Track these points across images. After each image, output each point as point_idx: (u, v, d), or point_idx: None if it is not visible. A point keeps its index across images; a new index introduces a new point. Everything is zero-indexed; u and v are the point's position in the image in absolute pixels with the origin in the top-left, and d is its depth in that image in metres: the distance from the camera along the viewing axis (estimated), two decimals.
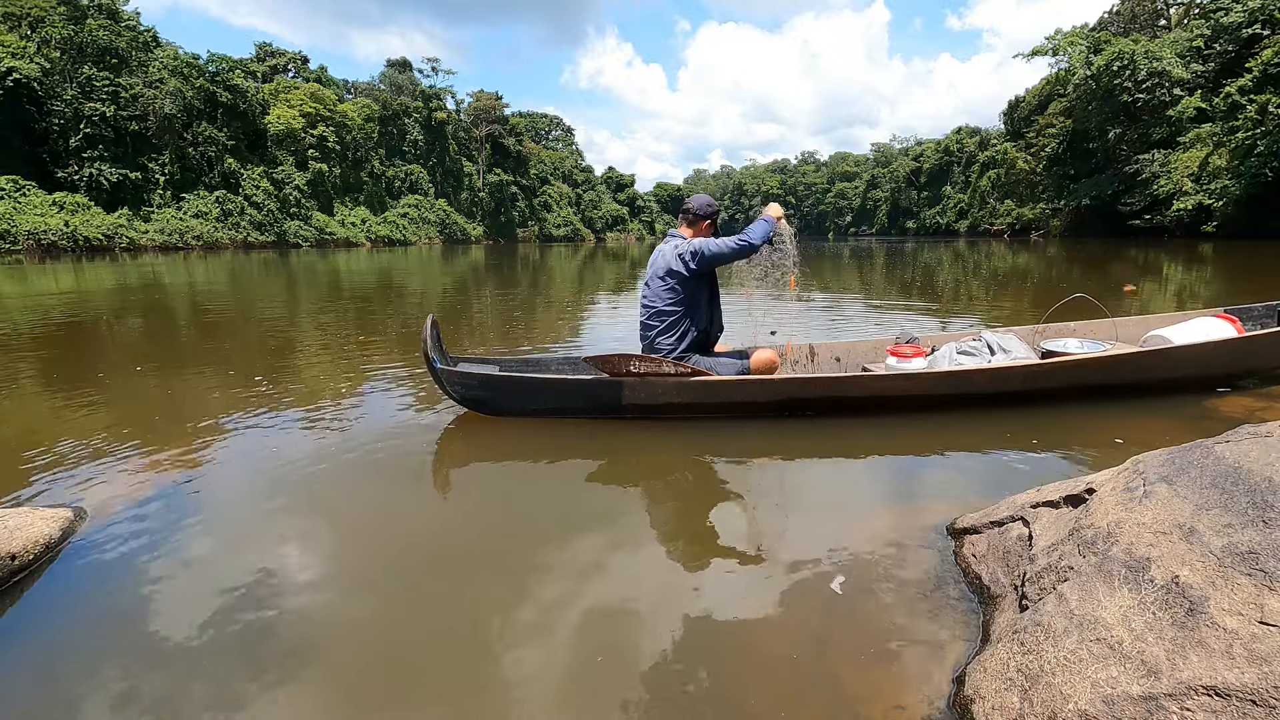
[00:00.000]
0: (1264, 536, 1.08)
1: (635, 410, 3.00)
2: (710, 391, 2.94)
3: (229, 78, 38.46)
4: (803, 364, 3.65)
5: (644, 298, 3.09)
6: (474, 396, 3.06)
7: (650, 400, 2.96)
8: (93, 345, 5.52)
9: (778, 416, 3.02)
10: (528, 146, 73.18)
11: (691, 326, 3.02)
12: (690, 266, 2.91)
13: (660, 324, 3.00)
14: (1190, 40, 32.62)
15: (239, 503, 2.25)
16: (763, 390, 2.94)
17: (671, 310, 2.98)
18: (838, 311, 7.25)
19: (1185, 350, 3.09)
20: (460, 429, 3.01)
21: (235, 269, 17.39)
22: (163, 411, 3.35)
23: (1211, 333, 3.22)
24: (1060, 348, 3.34)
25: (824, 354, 3.70)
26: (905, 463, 2.52)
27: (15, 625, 1.57)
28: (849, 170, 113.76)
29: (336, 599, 1.65)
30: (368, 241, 45.90)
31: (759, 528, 2.01)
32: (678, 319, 2.99)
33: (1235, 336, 3.18)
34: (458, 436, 2.93)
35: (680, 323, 3.00)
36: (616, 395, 2.95)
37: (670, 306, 2.98)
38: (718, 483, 2.41)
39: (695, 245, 2.92)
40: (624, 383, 2.92)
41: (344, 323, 6.75)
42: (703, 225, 3.08)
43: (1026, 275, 12.33)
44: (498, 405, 3.08)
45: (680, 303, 2.98)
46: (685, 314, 3.00)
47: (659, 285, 2.99)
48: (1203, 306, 6.51)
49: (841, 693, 1.26)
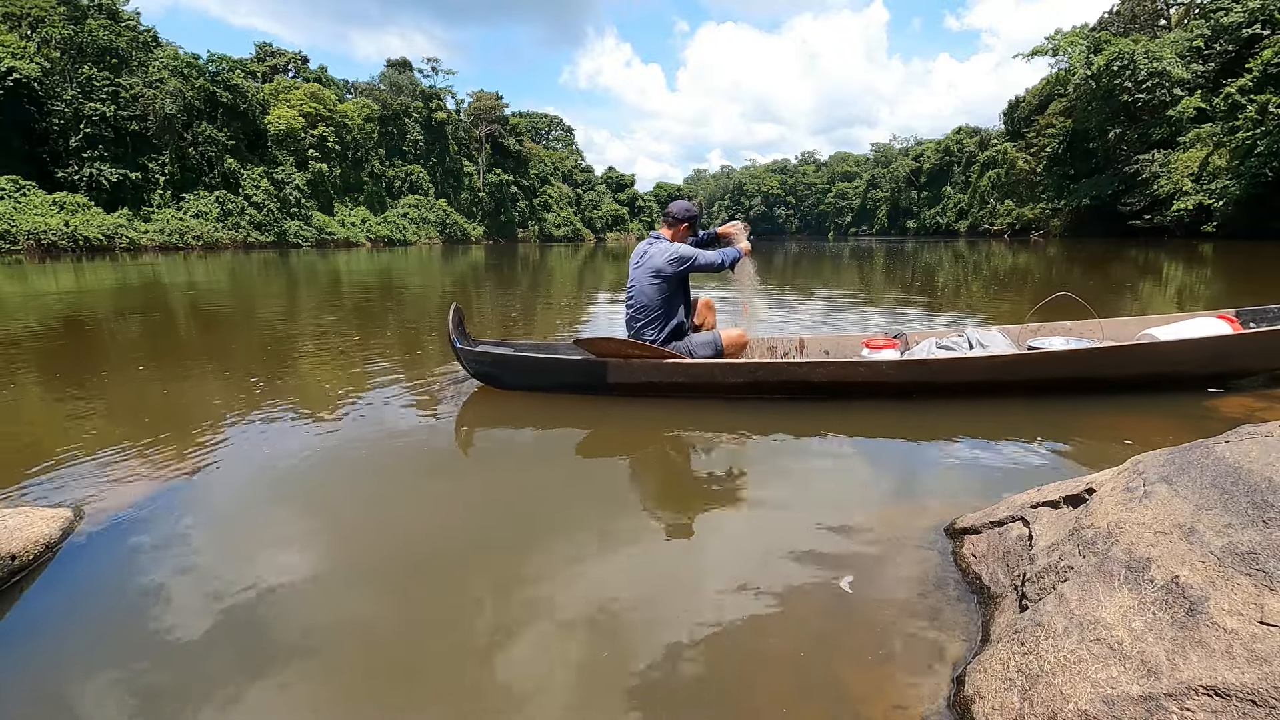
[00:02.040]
0: (1264, 536, 1.08)
1: (619, 389, 3.35)
2: (683, 372, 3.24)
3: (229, 78, 38.45)
4: (794, 356, 3.87)
5: (630, 295, 3.42)
6: (485, 372, 3.55)
7: (631, 379, 3.30)
8: (93, 345, 5.52)
9: (748, 398, 3.27)
10: (528, 146, 73.17)
11: (672, 319, 3.38)
12: (678, 270, 3.29)
13: (645, 318, 3.36)
14: (1190, 40, 32.61)
15: (239, 501, 2.25)
16: (730, 372, 3.23)
17: (657, 306, 3.33)
18: (837, 309, 7.25)
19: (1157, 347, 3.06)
20: (457, 424, 3.01)
21: (235, 269, 17.39)
22: (163, 411, 3.35)
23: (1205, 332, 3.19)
24: (1045, 345, 3.38)
25: (813, 346, 3.93)
26: (904, 462, 2.52)
27: (15, 625, 1.57)
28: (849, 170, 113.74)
29: (337, 597, 1.65)
30: (368, 241, 45.89)
31: (757, 524, 2.01)
32: (662, 314, 3.35)
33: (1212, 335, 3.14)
34: (457, 434, 2.94)
35: (663, 317, 3.35)
36: (602, 374, 3.30)
37: (656, 302, 3.33)
38: (712, 474, 2.41)
39: (684, 252, 3.28)
40: (608, 363, 3.27)
41: (345, 322, 6.75)
42: (681, 228, 3.44)
43: (1027, 275, 12.33)
44: (504, 380, 3.56)
45: (664, 300, 3.33)
46: (667, 309, 3.35)
47: (647, 283, 3.32)
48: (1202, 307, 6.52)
49: (841, 692, 1.26)
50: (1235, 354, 3.13)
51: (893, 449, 2.66)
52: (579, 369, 3.34)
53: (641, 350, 3.23)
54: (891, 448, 2.66)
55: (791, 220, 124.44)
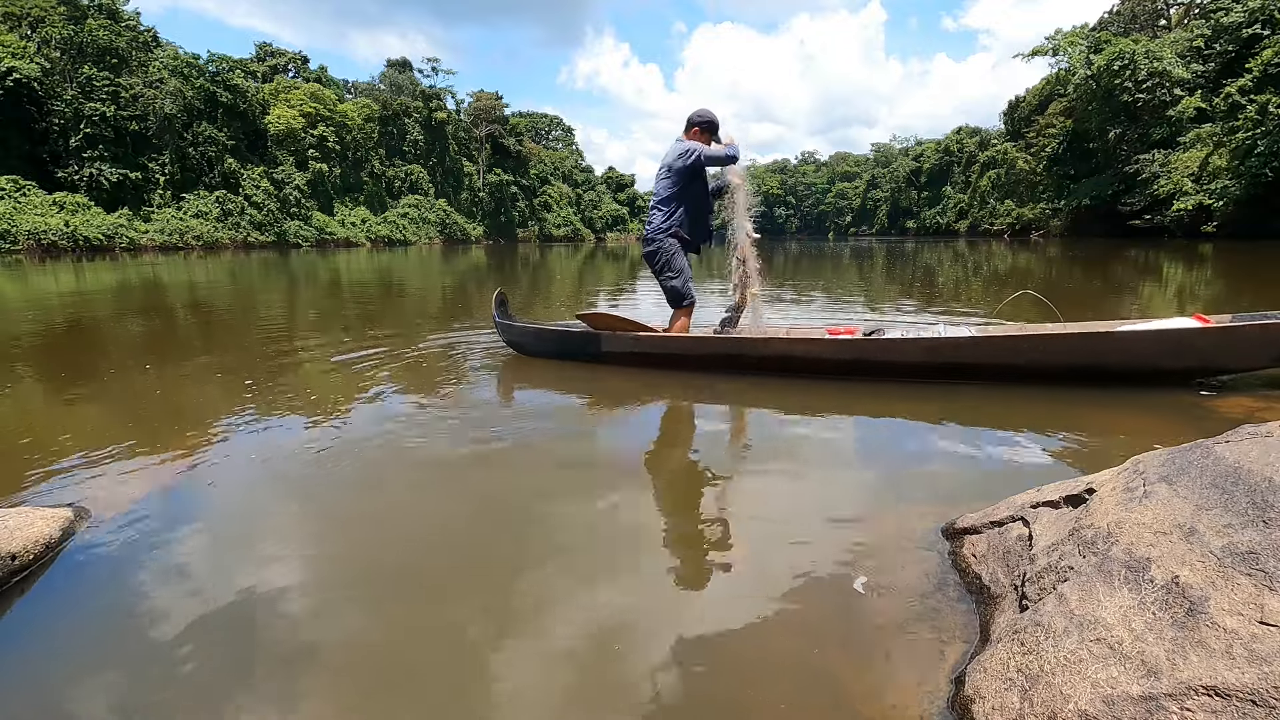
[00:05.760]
0: (1264, 536, 1.08)
1: (612, 358, 3.95)
2: (660, 345, 3.83)
3: (229, 78, 38.48)
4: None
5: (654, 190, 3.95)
6: (513, 341, 4.42)
7: (620, 349, 3.90)
8: (93, 345, 5.52)
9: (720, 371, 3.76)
10: (528, 146, 73.15)
11: (677, 211, 3.83)
12: (687, 163, 3.73)
13: (654, 205, 3.89)
14: (1190, 40, 32.61)
15: (240, 502, 2.25)
16: (698, 346, 3.80)
17: (662, 197, 3.83)
18: (836, 307, 7.24)
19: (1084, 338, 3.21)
20: (457, 421, 3.01)
21: (236, 269, 17.39)
22: (164, 411, 3.35)
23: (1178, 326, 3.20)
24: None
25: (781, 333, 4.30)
26: (904, 462, 2.52)
27: (15, 625, 1.57)
28: (849, 170, 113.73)
29: (337, 598, 1.64)
30: (368, 241, 45.89)
31: (755, 524, 2.01)
32: (669, 204, 3.83)
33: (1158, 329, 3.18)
34: (456, 432, 2.93)
35: (666, 205, 3.83)
36: (597, 345, 3.94)
37: (662, 194, 3.84)
38: (711, 473, 2.41)
39: (690, 147, 3.73)
40: (601, 335, 3.90)
41: (346, 322, 6.75)
42: (694, 130, 3.84)
43: (1027, 275, 12.33)
44: (529, 349, 4.36)
45: (670, 193, 3.81)
46: (676, 201, 3.82)
47: (661, 178, 3.85)
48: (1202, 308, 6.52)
49: (841, 692, 1.26)
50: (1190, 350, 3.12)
51: (892, 448, 2.65)
52: (580, 340, 4.01)
53: (626, 324, 3.92)
54: (891, 447, 2.66)
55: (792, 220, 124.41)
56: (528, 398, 3.68)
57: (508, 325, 4.37)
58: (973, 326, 3.94)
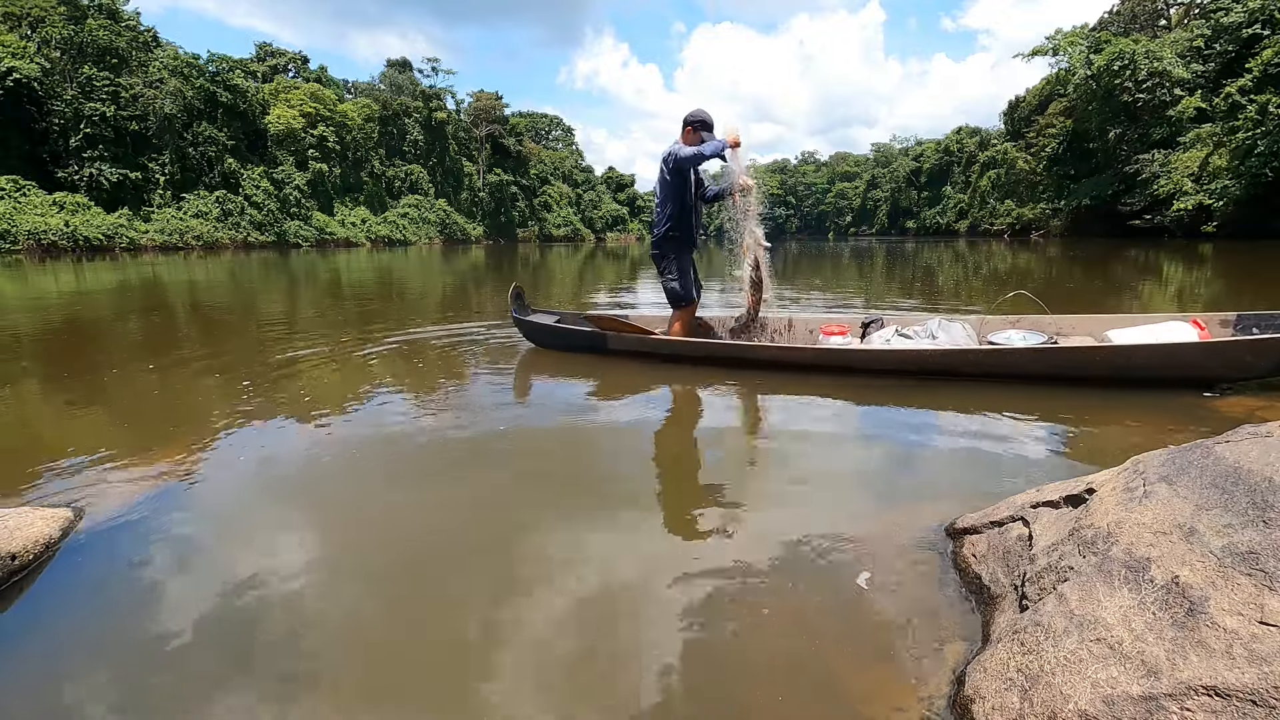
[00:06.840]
0: (1264, 536, 1.08)
1: (618, 352, 4.27)
2: (656, 345, 4.16)
3: (229, 78, 38.46)
4: (780, 333, 4.59)
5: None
6: (529, 333, 4.73)
7: (624, 347, 4.25)
8: (93, 345, 5.52)
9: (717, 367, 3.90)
10: (528, 146, 73.08)
11: (669, 213, 4.00)
12: (669, 167, 3.89)
13: (655, 209, 4.11)
14: (1190, 40, 32.56)
15: (239, 501, 2.25)
16: (691, 349, 4.06)
17: (661, 199, 4.03)
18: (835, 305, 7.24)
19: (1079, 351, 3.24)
20: (455, 418, 3.01)
21: (236, 269, 17.39)
22: (163, 410, 3.35)
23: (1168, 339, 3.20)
24: (1004, 340, 3.69)
25: (800, 327, 4.58)
26: (903, 461, 2.52)
27: (15, 625, 1.57)
28: (849, 170, 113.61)
29: (338, 598, 1.64)
30: (368, 241, 45.86)
31: (754, 523, 2.01)
32: (663, 206, 4.02)
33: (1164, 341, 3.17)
34: (454, 430, 2.93)
35: (662, 207, 4.02)
36: (603, 341, 4.30)
37: (660, 195, 4.03)
38: (708, 471, 2.41)
39: (670, 149, 3.88)
40: (606, 334, 4.28)
41: (346, 322, 6.74)
42: (687, 130, 3.90)
43: (1026, 275, 12.32)
44: (544, 342, 4.68)
45: (662, 199, 4.03)
46: (668, 202, 3.99)
47: (658, 180, 4.04)
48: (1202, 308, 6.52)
49: (841, 692, 1.26)
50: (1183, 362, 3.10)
51: (892, 448, 2.65)
52: (589, 337, 4.36)
53: (628, 328, 4.26)
54: (891, 447, 2.66)
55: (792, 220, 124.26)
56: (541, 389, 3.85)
57: (524, 321, 4.64)
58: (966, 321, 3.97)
